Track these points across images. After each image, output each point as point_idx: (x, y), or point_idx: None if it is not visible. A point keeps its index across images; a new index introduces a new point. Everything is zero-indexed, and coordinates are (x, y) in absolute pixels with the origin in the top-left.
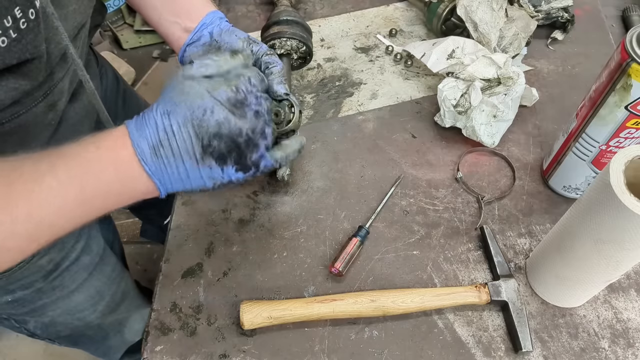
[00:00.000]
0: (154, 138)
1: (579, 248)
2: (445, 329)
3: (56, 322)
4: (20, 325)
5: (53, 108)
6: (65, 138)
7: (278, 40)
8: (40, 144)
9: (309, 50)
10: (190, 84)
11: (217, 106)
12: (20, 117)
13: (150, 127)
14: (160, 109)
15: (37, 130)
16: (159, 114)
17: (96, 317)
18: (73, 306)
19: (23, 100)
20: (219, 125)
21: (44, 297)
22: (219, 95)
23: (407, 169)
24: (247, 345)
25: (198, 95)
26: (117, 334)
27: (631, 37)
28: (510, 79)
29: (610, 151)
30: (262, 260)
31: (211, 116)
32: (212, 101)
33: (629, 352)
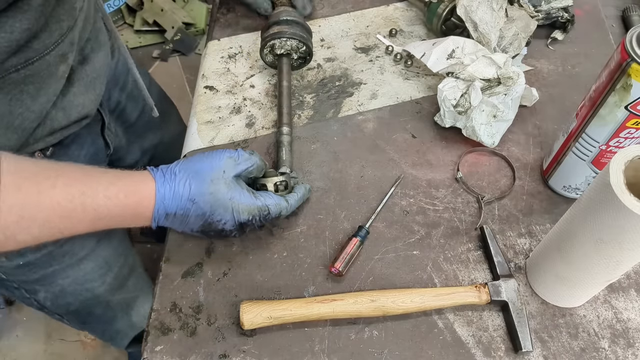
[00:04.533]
0: (172, 211)
1: (579, 248)
2: (445, 329)
3: (66, 293)
4: (31, 296)
5: (65, 61)
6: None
7: (278, 40)
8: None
9: (309, 50)
10: (224, 190)
11: (230, 222)
12: (34, 65)
13: (174, 203)
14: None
15: (51, 81)
16: (187, 197)
17: (105, 290)
18: (82, 275)
19: (33, 44)
20: (222, 230)
21: (54, 263)
22: (238, 217)
23: (407, 169)
24: (247, 345)
25: (222, 205)
26: (124, 315)
27: (631, 37)
28: (510, 79)
29: (610, 151)
30: (262, 260)
31: (223, 225)
32: (230, 217)
33: (629, 352)
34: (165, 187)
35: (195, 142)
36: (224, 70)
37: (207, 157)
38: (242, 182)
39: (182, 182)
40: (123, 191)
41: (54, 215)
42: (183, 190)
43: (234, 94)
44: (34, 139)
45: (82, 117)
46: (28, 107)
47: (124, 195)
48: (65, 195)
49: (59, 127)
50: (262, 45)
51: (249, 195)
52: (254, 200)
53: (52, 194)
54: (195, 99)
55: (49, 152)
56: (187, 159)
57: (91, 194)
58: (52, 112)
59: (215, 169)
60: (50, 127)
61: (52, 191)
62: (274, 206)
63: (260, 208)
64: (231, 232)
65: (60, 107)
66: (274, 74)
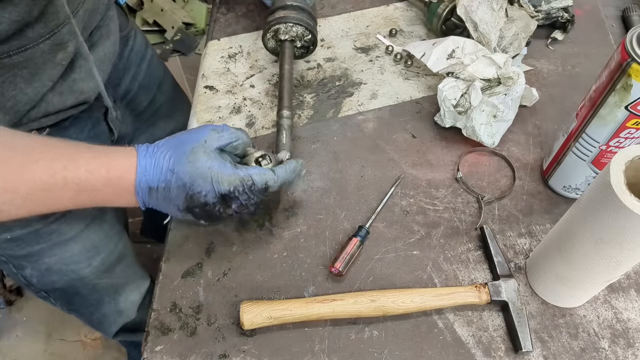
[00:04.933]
0: (154, 184)
1: (579, 248)
2: (445, 329)
3: (51, 271)
4: (18, 271)
5: (63, 48)
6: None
7: (283, 25)
8: (51, 82)
9: (313, 39)
10: (203, 158)
11: (211, 193)
12: (27, 51)
13: (155, 174)
14: (170, 162)
15: (47, 67)
16: (167, 167)
17: (91, 273)
18: (69, 256)
19: (26, 33)
20: (204, 204)
21: (41, 241)
22: (217, 186)
23: (407, 169)
24: (247, 345)
25: (202, 175)
26: (111, 300)
27: (631, 37)
28: (510, 79)
29: (610, 151)
30: (262, 260)
31: (203, 197)
32: (210, 187)
33: (629, 352)
34: (146, 159)
35: None
36: (224, 70)
37: (191, 130)
38: (226, 155)
39: (164, 154)
40: (105, 165)
41: (35, 189)
42: (163, 161)
43: (234, 93)
44: (28, 119)
45: (78, 102)
46: (21, 90)
47: (105, 170)
48: (47, 169)
49: (54, 111)
50: (266, 29)
51: (230, 166)
52: (235, 170)
53: (34, 168)
54: (195, 98)
55: (44, 132)
56: (174, 135)
57: (73, 168)
58: (48, 95)
59: (196, 139)
60: (45, 110)
61: (35, 165)
62: (257, 175)
63: (243, 178)
64: (214, 205)
65: (58, 91)
66: (274, 74)
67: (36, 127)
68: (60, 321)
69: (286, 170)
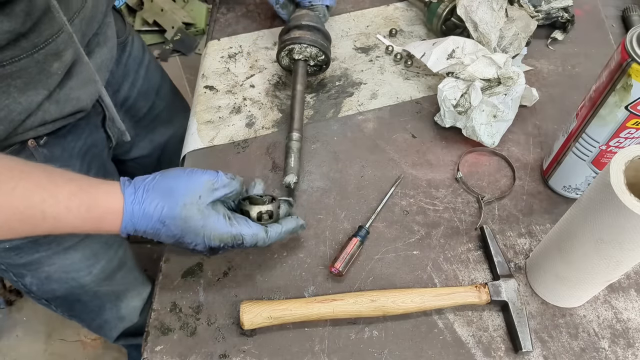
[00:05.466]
0: (142, 229)
1: (579, 248)
2: (445, 329)
3: (52, 279)
4: (18, 279)
5: (58, 58)
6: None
7: (298, 46)
8: (46, 91)
9: (327, 60)
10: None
11: (201, 245)
12: (21, 61)
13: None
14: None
15: (42, 77)
16: (157, 218)
17: (91, 281)
18: (68, 264)
19: (20, 43)
20: (192, 250)
21: (41, 250)
22: (208, 241)
23: (407, 169)
24: (247, 345)
25: (194, 231)
26: (113, 306)
27: (631, 37)
28: (510, 79)
29: (610, 151)
30: (262, 260)
31: (194, 247)
32: (201, 240)
33: (629, 352)
34: (134, 206)
35: (195, 142)
36: (224, 70)
37: (184, 176)
38: (220, 206)
39: (154, 203)
40: (85, 204)
41: (13, 219)
42: (154, 211)
43: (234, 93)
44: (24, 128)
45: (76, 110)
46: (15, 99)
47: (85, 209)
48: (25, 200)
49: (51, 119)
50: (280, 47)
51: (224, 222)
52: (228, 228)
53: (11, 198)
54: (195, 98)
55: (42, 141)
56: (164, 174)
57: (52, 203)
58: (45, 104)
59: (191, 192)
60: (41, 119)
61: (12, 194)
62: (249, 236)
63: (234, 236)
64: (202, 252)
65: (55, 99)
66: (274, 73)
67: (33, 135)
68: (60, 321)
69: (280, 232)
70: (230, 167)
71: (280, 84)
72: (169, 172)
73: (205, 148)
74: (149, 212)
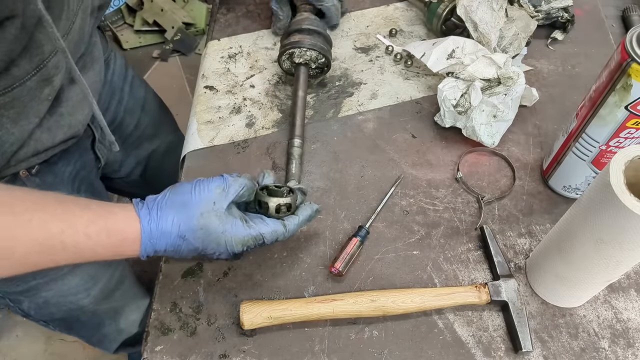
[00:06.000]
0: (162, 248)
1: (579, 248)
2: (445, 329)
3: (49, 304)
4: (15, 305)
5: (49, 83)
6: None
7: (298, 50)
8: (37, 119)
9: (327, 62)
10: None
11: (225, 253)
12: (14, 91)
13: (162, 240)
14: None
15: (34, 104)
16: (176, 234)
17: (90, 302)
18: (66, 289)
19: (12, 71)
20: (217, 259)
21: (37, 277)
22: (231, 249)
23: (407, 169)
24: (247, 345)
25: (215, 240)
26: (112, 322)
27: (631, 37)
28: (510, 79)
29: (610, 151)
30: (262, 260)
31: (217, 256)
32: (224, 249)
33: (629, 352)
34: (151, 225)
35: (195, 142)
36: (224, 70)
37: (194, 188)
38: (235, 209)
39: (170, 219)
40: (105, 230)
41: (32, 252)
42: (171, 227)
43: (234, 94)
44: (16, 160)
45: (68, 137)
46: (7, 130)
47: (105, 235)
48: (43, 232)
49: (43, 149)
50: (281, 52)
51: (242, 225)
52: (247, 230)
53: (29, 230)
54: (195, 99)
55: (34, 170)
56: (174, 190)
57: (71, 233)
58: (36, 132)
59: (204, 201)
60: (34, 149)
61: (29, 226)
62: (269, 234)
63: (255, 237)
64: (226, 259)
65: (46, 127)
66: (274, 73)
67: (25, 167)
68: None
69: (298, 223)
70: (231, 167)
71: (280, 84)
72: (178, 187)
73: (205, 148)
74: (167, 229)
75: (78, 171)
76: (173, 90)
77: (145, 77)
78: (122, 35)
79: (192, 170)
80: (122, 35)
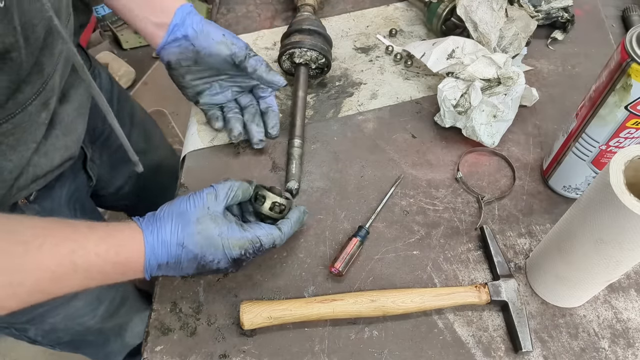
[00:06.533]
0: (164, 261)
1: (579, 248)
2: (445, 329)
3: (57, 329)
4: (20, 333)
5: (46, 107)
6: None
7: (298, 50)
8: (34, 144)
9: (327, 63)
10: (212, 226)
11: (224, 260)
12: (16, 117)
13: (164, 252)
14: (178, 237)
15: (32, 129)
16: (175, 242)
17: (96, 322)
18: (72, 312)
19: (17, 98)
20: (217, 270)
21: (44, 304)
22: (229, 253)
23: (407, 169)
24: (247, 345)
25: (213, 244)
26: (117, 337)
27: (631, 37)
28: (510, 79)
29: (610, 151)
30: (262, 260)
31: (216, 265)
32: (222, 254)
33: (629, 352)
34: (153, 237)
35: (195, 142)
36: None
37: (188, 199)
38: (230, 215)
39: (169, 228)
40: (114, 247)
41: (44, 279)
42: (170, 236)
43: None
44: (17, 188)
45: (65, 160)
46: (6, 157)
47: (114, 252)
48: (54, 256)
49: (42, 174)
50: (282, 52)
51: (238, 228)
52: (243, 233)
53: (40, 257)
54: None
55: (32, 197)
56: (170, 204)
57: (82, 253)
58: (34, 158)
59: (199, 207)
60: (33, 175)
61: (40, 252)
62: (265, 237)
63: (252, 240)
64: (227, 269)
65: (43, 152)
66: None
67: (25, 195)
68: None
69: (291, 226)
70: (231, 167)
71: None
72: (174, 201)
73: (205, 148)
74: (166, 239)
75: (73, 193)
76: (173, 90)
77: (145, 77)
78: (122, 35)
79: (192, 170)
80: (122, 35)
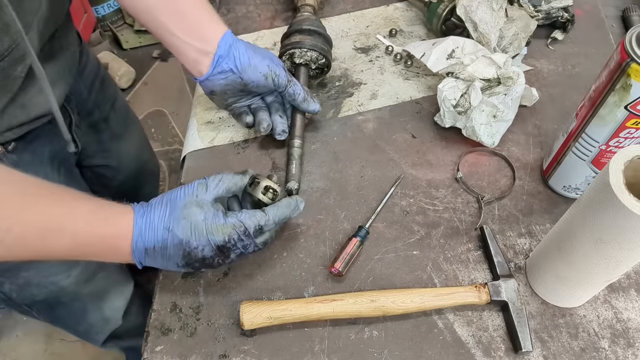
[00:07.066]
0: (151, 244)
1: (579, 248)
2: (445, 329)
3: (31, 284)
4: None
5: (22, 61)
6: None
7: (298, 50)
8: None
9: (327, 63)
10: (197, 211)
11: (208, 246)
12: None
13: (151, 235)
14: (165, 221)
15: (9, 81)
16: (162, 226)
17: (70, 283)
18: (46, 268)
19: None
20: (203, 259)
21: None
22: (213, 239)
23: (407, 169)
24: (247, 345)
25: (197, 229)
26: (95, 308)
27: (631, 37)
28: (510, 79)
29: (610, 151)
30: (262, 260)
31: (201, 252)
32: (206, 241)
33: (629, 352)
34: (142, 219)
35: (195, 142)
36: None
37: (180, 188)
38: (219, 205)
39: (158, 213)
40: (103, 219)
41: (31, 234)
42: (158, 220)
43: None
44: None
45: (42, 114)
46: None
47: (104, 223)
48: (45, 215)
49: (18, 124)
50: (282, 52)
51: (222, 215)
52: (227, 219)
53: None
54: (195, 99)
55: (10, 146)
56: (164, 194)
57: (72, 219)
58: (10, 108)
59: (188, 195)
60: (8, 123)
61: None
62: (248, 219)
63: (234, 225)
64: (213, 258)
65: (20, 103)
66: None
67: (1, 141)
68: None
69: (278, 208)
70: (231, 167)
71: None
72: (167, 192)
73: (205, 149)
74: (154, 222)
75: (57, 152)
76: (173, 90)
77: (145, 77)
78: (122, 35)
79: (192, 170)
80: (122, 35)
